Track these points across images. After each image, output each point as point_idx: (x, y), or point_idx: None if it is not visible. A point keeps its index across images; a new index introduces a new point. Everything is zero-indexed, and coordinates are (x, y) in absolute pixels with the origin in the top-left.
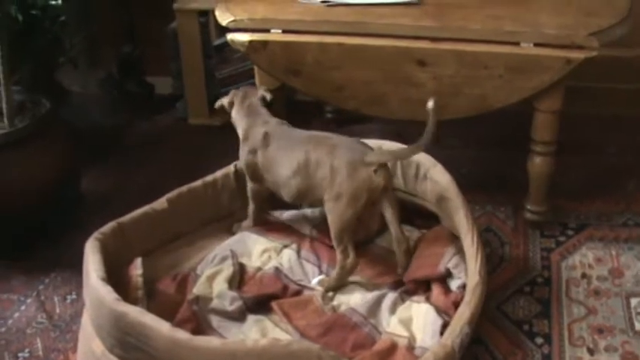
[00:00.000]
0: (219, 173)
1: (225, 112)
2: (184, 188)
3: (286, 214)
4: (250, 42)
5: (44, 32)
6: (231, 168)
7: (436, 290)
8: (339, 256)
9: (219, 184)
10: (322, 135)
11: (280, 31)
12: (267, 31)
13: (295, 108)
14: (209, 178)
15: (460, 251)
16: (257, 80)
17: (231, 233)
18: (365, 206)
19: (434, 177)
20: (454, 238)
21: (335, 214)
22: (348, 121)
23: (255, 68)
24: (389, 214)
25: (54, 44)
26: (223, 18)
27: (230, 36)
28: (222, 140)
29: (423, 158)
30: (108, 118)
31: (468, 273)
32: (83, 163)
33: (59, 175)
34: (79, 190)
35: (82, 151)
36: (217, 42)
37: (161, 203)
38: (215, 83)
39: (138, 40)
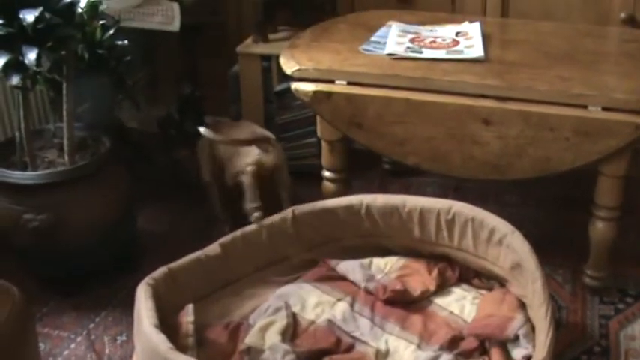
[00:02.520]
0: (276, 217)
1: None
2: (238, 233)
3: (341, 265)
4: (315, 92)
5: (109, 71)
6: (288, 213)
7: (495, 355)
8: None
9: (275, 228)
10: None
11: (345, 82)
12: (332, 82)
13: (352, 156)
14: (266, 221)
15: (529, 320)
16: (318, 130)
17: (284, 281)
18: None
19: (512, 244)
20: (522, 305)
21: (245, 184)
22: (406, 173)
23: (318, 118)
24: (281, 184)
25: (118, 83)
26: (288, 66)
27: (294, 85)
28: None
29: (499, 223)
30: (165, 157)
31: (535, 345)
32: (139, 202)
33: (117, 214)
34: (135, 230)
35: (139, 190)
36: (279, 88)
37: (214, 249)
38: (275, 128)
39: (199, 81)
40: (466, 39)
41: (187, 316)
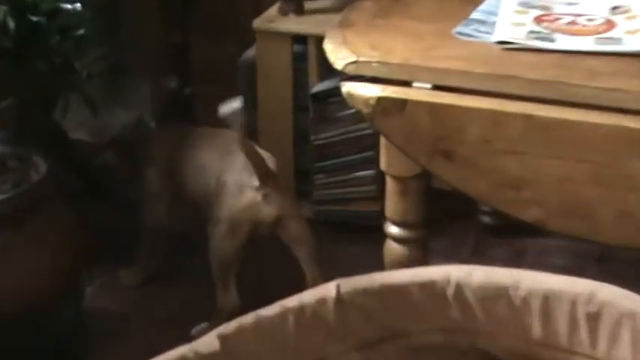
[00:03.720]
0: (309, 297)
1: None
2: (248, 319)
3: None
4: (380, 100)
5: (49, 51)
6: (330, 291)
7: None
8: (218, 293)
9: (308, 314)
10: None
11: (429, 85)
12: (408, 84)
13: (433, 202)
14: (291, 302)
15: None
16: (382, 159)
17: None
18: (249, 239)
19: None
20: None
21: (213, 245)
22: (518, 232)
23: (382, 140)
24: (303, 256)
25: (62, 69)
26: (338, 56)
27: (346, 87)
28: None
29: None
30: (132, 188)
31: None
32: (90, 263)
33: (54, 282)
34: (81, 307)
35: (91, 244)
36: (319, 88)
37: (209, 343)
38: (309, 152)
39: (190, 71)
40: (628, 18)
41: None
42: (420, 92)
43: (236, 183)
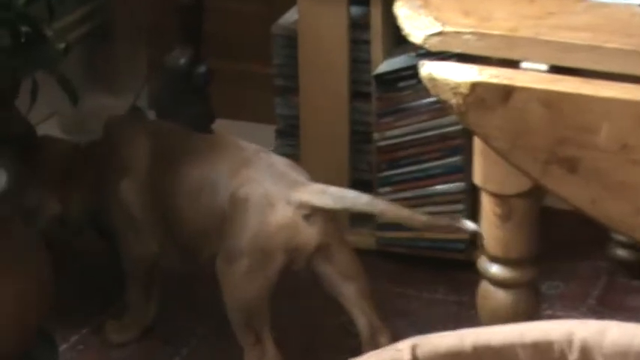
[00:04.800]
0: (377, 357)
1: None
2: None
3: None
4: (475, 86)
5: (13, 19)
6: (404, 352)
7: None
8: (247, 356)
9: None
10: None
11: (544, 67)
12: (515, 64)
13: (545, 226)
14: None
15: None
16: (476, 171)
17: None
18: (282, 273)
19: None
20: None
21: (234, 287)
22: None
23: (476, 142)
24: (351, 292)
25: (29, 39)
26: (417, 25)
27: (427, 67)
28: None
29: None
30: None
31: None
32: (64, 309)
33: (14, 331)
34: None
35: (66, 283)
36: (384, 68)
37: None
38: (370, 157)
39: (205, 43)
40: None
41: None
42: (532, 76)
43: (264, 196)
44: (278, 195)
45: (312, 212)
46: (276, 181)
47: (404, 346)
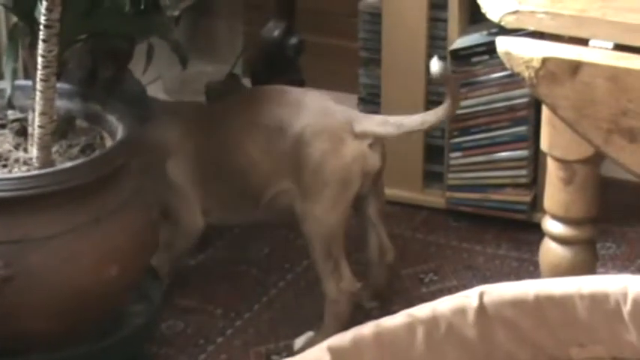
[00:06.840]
0: (442, 305)
1: None
2: (367, 329)
3: None
4: (546, 61)
5: None
6: (470, 299)
7: None
8: (327, 283)
9: (441, 327)
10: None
11: (610, 44)
12: (583, 42)
13: (604, 191)
14: (421, 311)
15: None
16: (544, 138)
17: None
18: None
19: None
20: None
21: (317, 219)
22: None
23: (545, 113)
24: (373, 211)
25: (147, 11)
26: (495, 3)
27: (504, 43)
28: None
29: None
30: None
31: None
32: None
33: (127, 278)
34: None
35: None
36: (460, 43)
37: (317, 354)
38: (444, 124)
39: (298, 18)
40: None
41: None
42: (599, 53)
43: (333, 132)
44: (344, 129)
45: (375, 141)
46: (336, 116)
47: (472, 293)
